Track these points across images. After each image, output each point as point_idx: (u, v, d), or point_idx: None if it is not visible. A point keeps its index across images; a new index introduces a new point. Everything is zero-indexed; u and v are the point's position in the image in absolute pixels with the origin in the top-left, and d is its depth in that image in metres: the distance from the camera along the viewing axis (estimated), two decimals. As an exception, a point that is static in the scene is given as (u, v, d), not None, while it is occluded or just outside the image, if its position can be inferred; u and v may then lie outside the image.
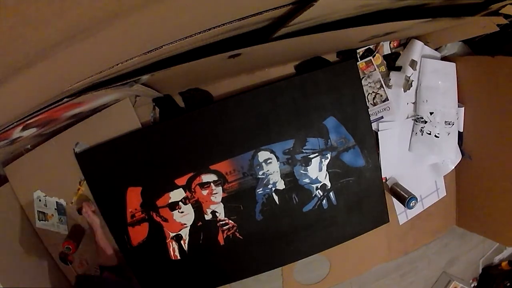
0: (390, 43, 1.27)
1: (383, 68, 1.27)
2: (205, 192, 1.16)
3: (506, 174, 1.26)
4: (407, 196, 1.31)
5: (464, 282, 1.88)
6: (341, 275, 1.47)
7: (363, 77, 1.23)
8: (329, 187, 1.25)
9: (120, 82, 0.75)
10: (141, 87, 0.88)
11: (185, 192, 1.15)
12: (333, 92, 1.18)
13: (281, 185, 1.21)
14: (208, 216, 1.19)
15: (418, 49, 1.24)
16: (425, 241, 1.64)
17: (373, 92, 1.25)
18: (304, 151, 1.20)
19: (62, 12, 0.34)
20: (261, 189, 1.19)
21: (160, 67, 0.73)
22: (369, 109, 1.24)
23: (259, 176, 1.18)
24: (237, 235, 1.22)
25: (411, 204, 1.31)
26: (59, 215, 1.15)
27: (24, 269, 1.20)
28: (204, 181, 1.16)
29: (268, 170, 1.19)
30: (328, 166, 1.23)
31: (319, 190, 1.25)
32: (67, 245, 1.07)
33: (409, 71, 1.24)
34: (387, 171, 1.33)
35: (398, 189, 1.36)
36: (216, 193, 1.17)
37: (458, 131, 1.34)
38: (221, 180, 1.16)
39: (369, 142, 1.25)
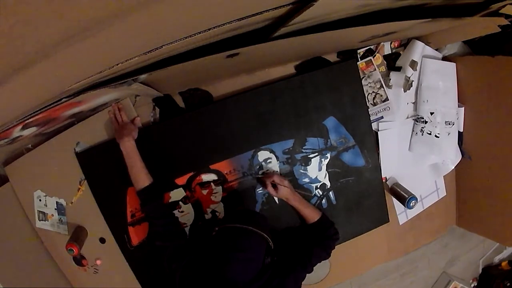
0: (391, 43, 1.27)
1: (383, 68, 1.27)
2: (205, 192, 1.17)
3: (506, 174, 1.26)
4: (407, 196, 1.31)
5: (464, 282, 1.88)
6: (341, 275, 1.47)
7: (363, 77, 1.23)
8: (328, 187, 1.26)
9: (119, 81, 0.75)
10: (140, 85, 0.88)
11: (185, 191, 1.15)
12: (333, 92, 1.18)
13: (281, 185, 1.21)
14: (208, 216, 1.19)
15: (419, 49, 1.24)
16: (425, 241, 1.64)
17: (373, 92, 1.25)
18: (303, 150, 1.21)
19: (62, 12, 0.34)
20: (261, 189, 1.19)
21: (160, 67, 0.73)
22: (369, 109, 1.24)
23: (259, 176, 1.18)
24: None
25: (411, 204, 1.31)
26: (59, 215, 1.15)
27: (24, 269, 1.20)
28: (204, 180, 1.16)
29: (268, 170, 1.19)
30: (328, 165, 1.24)
31: (318, 190, 1.25)
32: (70, 248, 1.07)
33: (409, 71, 1.24)
34: (387, 171, 1.33)
35: (398, 189, 1.36)
36: (216, 192, 1.17)
37: (458, 131, 1.34)
38: (221, 179, 1.16)
39: (369, 142, 1.25)
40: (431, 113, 1.28)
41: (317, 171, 1.23)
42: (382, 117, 1.27)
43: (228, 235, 0.90)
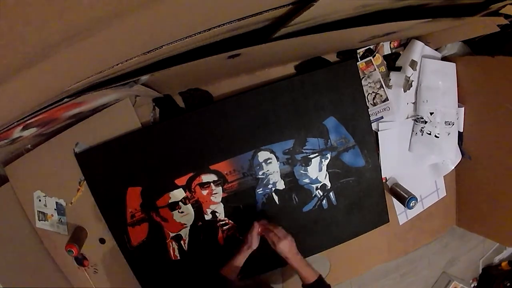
0: (390, 43, 1.27)
1: (383, 68, 1.27)
2: (205, 192, 1.17)
3: (506, 174, 1.26)
4: (407, 196, 1.31)
5: (464, 282, 1.88)
6: (341, 275, 1.47)
7: (363, 77, 1.23)
8: (329, 187, 1.26)
9: (120, 82, 0.75)
10: (141, 87, 0.88)
11: (185, 192, 1.15)
12: (333, 92, 1.18)
13: (281, 185, 1.21)
14: (208, 216, 1.19)
15: (419, 49, 1.24)
16: (425, 241, 1.64)
17: (373, 92, 1.25)
18: (304, 151, 1.21)
19: (62, 12, 0.34)
20: (261, 189, 1.19)
21: (160, 67, 0.73)
22: (369, 109, 1.24)
23: (259, 176, 1.18)
24: (237, 235, 1.22)
25: (411, 204, 1.31)
26: (59, 215, 1.15)
27: (24, 269, 1.20)
28: (204, 181, 1.16)
29: (268, 170, 1.19)
30: (328, 166, 1.24)
31: (319, 190, 1.25)
32: (70, 248, 1.07)
33: (409, 71, 1.24)
34: (387, 171, 1.33)
35: (398, 189, 1.36)
36: (216, 193, 1.17)
37: (458, 131, 1.34)
38: (221, 180, 1.16)
39: (369, 142, 1.25)
40: (431, 113, 1.28)
41: (317, 171, 1.23)
42: (382, 117, 1.27)
43: None
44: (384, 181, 1.36)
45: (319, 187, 1.25)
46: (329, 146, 1.22)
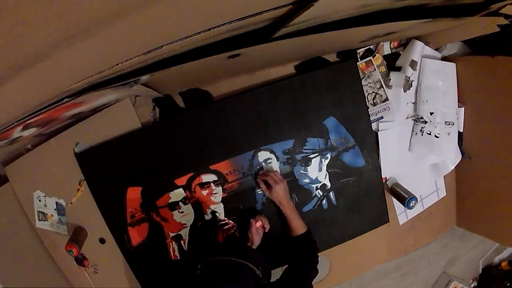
0: (390, 43, 1.27)
1: (383, 68, 1.27)
2: (205, 192, 1.16)
3: (506, 174, 1.26)
4: (407, 196, 1.31)
5: (464, 282, 1.88)
6: (341, 275, 1.47)
7: (363, 77, 1.23)
8: (329, 187, 1.25)
9: (120, 82, 0.75)
10: (141, 87, 0.88)
11: (185, 192, 1.15)
12: (333, 92, 1.18)
13: (281, 185, 1.21)
14: (208, 216, 1.19)
15: (418, 49, 1.24)
16: (425, 241, 1.65)
17: (373, 92, 1.25)
18: (304, 151, 1.21)
19: (62, 12, 0.34)
20: (261, 190, 1.19)
21: (160, 67, 0.73)
22: (369, 109, 1.24)
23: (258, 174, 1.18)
24: (237, 235, 1.22)
25: (411, 204, 1.31)
26: (59, 215, 1.15)
27: (24, 269, 1.20)
28: (204, 181, 1.16)
29: (268, 170, 1.18)
30: (328, 166, 1.24)
31: (319, 190, 1.25)
32: (70, 248, 1.07)
33: (409, 71, 1.24)
34: (387, 171, 1.33)
35: (398, 189, 1.36)
36: (216, 193, 1.17)
37: (458, 131, 1.34)
38: (221, 180, 1.16)
39: (369, 142, 1.25)
40: (431, 113, 1.28)
41: (317, 171, 1.23)
42: (382, 117, 1.27)
43: (212, 269, 0.87)
44: (384, 181, 1.36)
45: (319, 187, 1.25)
46: (329, 146, 1.22)
